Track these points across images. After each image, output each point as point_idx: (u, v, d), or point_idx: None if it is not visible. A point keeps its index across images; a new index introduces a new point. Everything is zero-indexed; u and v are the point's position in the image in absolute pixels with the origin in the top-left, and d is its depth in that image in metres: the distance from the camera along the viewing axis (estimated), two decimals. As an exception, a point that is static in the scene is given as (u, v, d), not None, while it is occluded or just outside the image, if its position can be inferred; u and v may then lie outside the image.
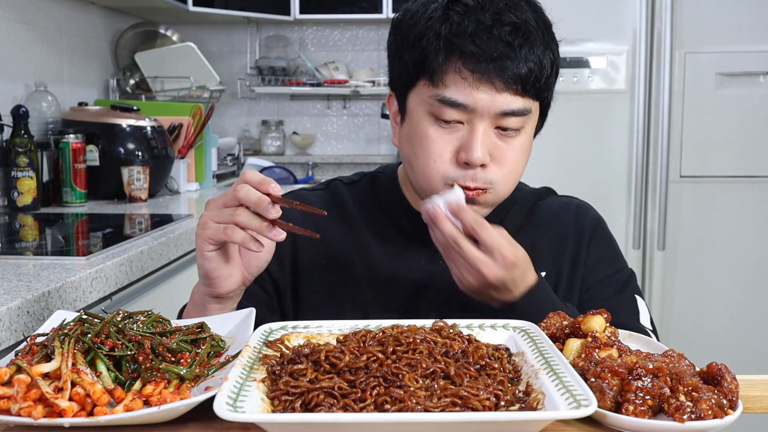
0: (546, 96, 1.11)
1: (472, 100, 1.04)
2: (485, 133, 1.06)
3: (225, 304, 1.03)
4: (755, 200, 2.81)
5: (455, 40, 1.04)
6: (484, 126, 1.05)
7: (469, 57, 1.03)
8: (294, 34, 4.05)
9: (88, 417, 0.69)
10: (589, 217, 1.25)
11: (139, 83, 3.50)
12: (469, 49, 1.03)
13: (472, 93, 1.04)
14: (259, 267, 1.03)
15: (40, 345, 0.79)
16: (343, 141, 4.11)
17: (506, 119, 1.06)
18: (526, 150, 1.12)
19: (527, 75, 1.04)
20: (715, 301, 2.85)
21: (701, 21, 2.76)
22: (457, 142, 1.07)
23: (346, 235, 1.20)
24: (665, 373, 0.72)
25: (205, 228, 0.97)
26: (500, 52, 1.03)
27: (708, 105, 2.79)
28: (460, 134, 1.07)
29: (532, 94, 1.06)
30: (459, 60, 1.04)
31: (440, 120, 1.07)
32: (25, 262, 1.53)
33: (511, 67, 1.03)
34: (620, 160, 2.85)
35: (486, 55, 1.03)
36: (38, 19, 2.71)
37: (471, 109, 1.04)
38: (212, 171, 3.25)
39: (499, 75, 1.03)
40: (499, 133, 1.07)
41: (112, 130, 2.66)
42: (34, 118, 2.51)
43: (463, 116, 1.06)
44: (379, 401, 0.68)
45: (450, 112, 1.05)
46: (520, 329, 0.88)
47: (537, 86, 1.06)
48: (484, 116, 1.05)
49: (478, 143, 1.05)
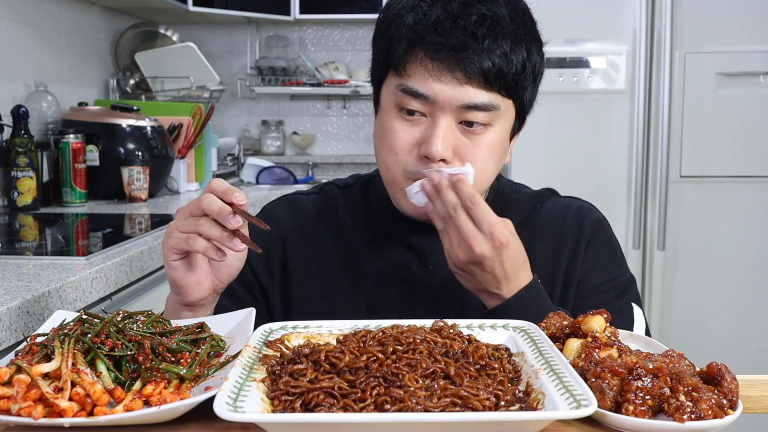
0: (520, 95, 1.07)
1: (432, 92, 1.02)
2: (448, 127, 1.03)
3: (197, 311, 1.03)
4: (755, 200, 2.81)
5: (418, 29, 1.02)
6: (447, 120, 1.03)
7: (431, 46, 1.01)
8: (294, 34, 4.05)
9: (88, 417, 0.69)
10: (590, 219, 1.22)
11: (139, 83, 3.50)
12: (430, 38, 1.01)
13: (433, 84, 1.02)
14: (230, 275, 1.02)
15: (40, 345, 0.79)
16: (343, 141, 4.11)
17: (470, 113, 1.03)
18: (495, 150, 1.07)
19: (490, 69, 1.01)
20: (715, 301, 2.85)
21: (701, 21, 2.76)
22: (419, 135, 1.05)
23: (337, 242, 1.20)
24: (665, 373, 0.72)
25: (170, 237, 0.97)
26: (462, 42, 1.00)
27: (708, 105, 2.79)
28: (422, 127, 1.05)
29: (498, 90, 1.03)
30: (421, 50, 1.03)
31: (404, 111, 1.05)
32: (25, 262, 1.53)
33: (472, 59, 1.00)
34: (620, 160, 2.85)
35: (447, 44, 1.00)
36: (38, 19, 2.71)
37: (432, 101, 1.02)
38: (212, 171, 3.25)
39: (459, 66, 1.00)
40: (464, 129, 1.04)
41: (112, 130, 2.66)
42: (34, 118, 2.51)
43: (426, 108, 1.04)
44: (379, 401, 0.68)
45: (412, 102, 1.04)
46: (520, 329, 0.88)
47: (503, 82, 1.02)
48: (446, 109, 1.02)
49: (438, 137, 1.02)
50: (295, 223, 1.22)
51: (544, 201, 1.23)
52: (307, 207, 1.24)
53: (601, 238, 1.21)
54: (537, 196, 1.24)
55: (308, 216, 1.23)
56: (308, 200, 1.25)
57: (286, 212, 1.25)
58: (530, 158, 2.81)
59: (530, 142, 2.84)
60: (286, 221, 1.23)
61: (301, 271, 1.19)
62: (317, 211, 1.23)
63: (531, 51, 1.05)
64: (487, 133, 1.05)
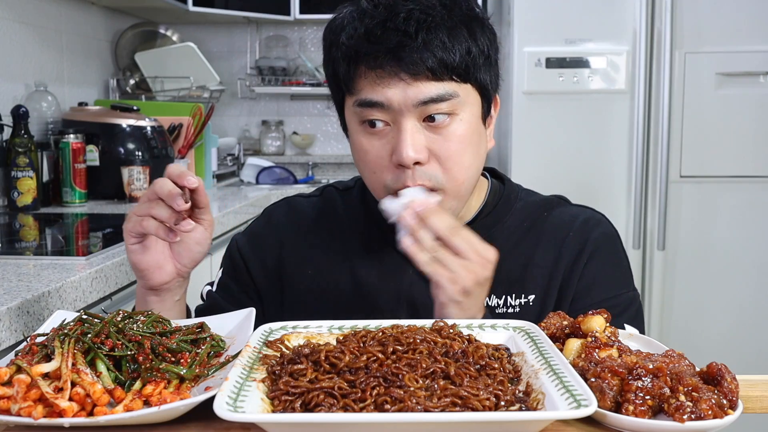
0: (476, 78, 1.04)
1: (385, 97, 1.00)
2: (414, 129, 1.01)
3: (163, 296, 1.04)
4: (755, 200, 2.81)
5: (352, 44, 1.02)
6: (411, 122, 1.01)
7: (368, 57, 1.00)
8: (294, 34, 4.05)
9: (88, 417, 0.69)
10: (596, 233, 1.16)
11: (139, 83, 3.50)
12: (365, 50, 1.00)
13: (383, 90, 1.00)
14: (191, 258, 1.04)
15: (40, 345, 0.79)
16: (343, 141, 4.11)
17: (429, 107, 1.01)
18: (468, 139, 1.04)
19: (433, 62, 0.99)
20: (715, 301, 2.85)
21: (701, 21, 2.76)
22: (389, 146, 1.03)
23: (334, 245, 1.19)
24: (665, 373, 0.72)
25: (127, 221, 1.00)
26: (395, 42, 0.99)
27: (708, 105, 2.79)
28: (390, 137, 1.03)
29: (449, 77, 1.01)
30: (362, 63, 1.02)
31: (367, 125, 1.04)
32: (25, 262, 1.53)
33: (411, 56, 0.99)
34: (620, 160, 2.85)
35: (382, 49, 0.99)
36: (38, 18, 2.71)
37: (388, 106, 1.01)
38: (212, 171, 3.25)
39: (402, 67, 0.99)
40: (429, 126, 1.02)
41: (112, 130, 2.66)
42: (34, 118, 2.51)
43: (386, 116, 1.02)
44: (379, 401, 0.68)
45: (371, 113, 1.03)
46: (520, 329, 0.88)
47: (451, 70, 1.00)
48: (404, 112, 1.01)
49: (406, 141, 1.00)
50: (293, 225, 1.22)
51: (552, 209, 1.19)
52: (306, 210, 1.24)
53: (605, 253, 1.16)
54: (545, 204, 1.20)
55: (307, 219, 1.22)
56: (308, 203, 1.25)
57: (285, 214, 1.25)
58: (530, 158, 2.81)
59: (530, 142, 2.84)
60: (284, 223, 1.23)
61: (297, 274, 1.19)
62: (316, 214, 1.23)
63: (474, 33, 1.03)
64: (453, 123, 1.03)
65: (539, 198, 1.22)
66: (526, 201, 1.20)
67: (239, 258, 1.23)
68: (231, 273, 1.24)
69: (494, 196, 1.18)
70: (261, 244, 1.22)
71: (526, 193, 1.22)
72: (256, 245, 1.23)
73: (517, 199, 1.19)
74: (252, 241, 1.24)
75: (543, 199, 1.22)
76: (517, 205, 1.18)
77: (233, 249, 1.24)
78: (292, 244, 1.21)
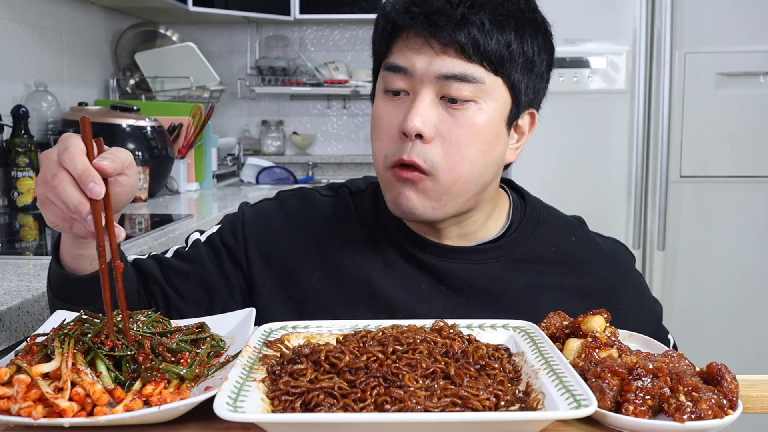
0: (510, 75, 1.01)
1: (410, 63, 0.99)
2: (429, 102, 0.99)
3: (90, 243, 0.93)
4: (755, 200, 2.81)
5: (398, 6, 1.01)
6: (428, 94, 0.99)
7: (407, 17, 0.99)
8: (294, 34, 4.05)
9: (88, 417, 0.69)
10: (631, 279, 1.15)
11: (139, 83, 3.50)
12: (407, 11, 0.99)
13: (411, 56, 0.99)
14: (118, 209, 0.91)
15: (40, 345, 0.79)
16: (343, 141, 4.11)
17: (449, 85, 0.98)
18: (481, 132, 1.00)
19: (466, 37, 0.97)
20: (715, 301, 2.85)
21: (701, 21, 2.76)
22: (402, 116, 1.00)
23: (343, 249, 1.13)
24: (665, 373, 0.72)
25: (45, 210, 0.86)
26: (436, 9, 0.97)
27: (708, 105, 2.79)
28: (405, 107, 1.00)
29: (479, 61, 0.98)
30: (402, 26, 1.01)
31: (389, 93, 1.03)
32: (25, 262, 1.53)
33: (445, 26, 0.97)
34: (620, 160, 2.85)
35: (422, 12, 0.98)
36: (38, 19, 2.71)
37: (411, 73, 0.99)
38: (212, 171, 3.25)
39: (434, 35, 0.98)
40: (447, 104, 0.99)
41: (112, 130, 2.66)
42: (34, 118, 2.51)
43: (407, 84, 1.00)
44: (379, 401, 0.68)
45: (394, 79, 1.01)
46: (520, 329, 0.88)
47: (482, 54, 0.98)
48: (425, 82, 0.99)
49: (416, 109, 0.98)
50: (306, 219, 1.16)
51: (576, 233, 1.16)
52: (321, 207, 1.17)
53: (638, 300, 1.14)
54: (568, 226, 1.17)
55: (321, 217, 1.16)
56: (324, 202, 1.18)
57: (299, 206, 1.18)
58: (530, 158, 2.80)
59: (530, 142, 2.83)
60: (297, 215, 1.17)
61: (303, 271, 1.13)
62: (330, 213, 1.16)
63: (523, 32, 1.01)
64: (471, 110, 0.99)
65: (561, 219, 1.18)
66: (549, 222, 1.15)
67: (241, 230, 1.16)
68: (227, 238, 1.16)
69: (517, 214, 1.14)
70: (268, 227, 1.16)
71: (547, 212, 1.17)
72: (262, 226, 1.16)
73: (540, 219, 1.15)
74: (259, 220, 1.17)
75: (565, 222, 1.18)
76: (542, 226, 1.14)
77: (238, 218, 1.17)
78: (303, 242, 1.14)
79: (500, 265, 1.10)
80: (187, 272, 1.14)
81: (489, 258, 1.10)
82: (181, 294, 1.13)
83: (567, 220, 1.18)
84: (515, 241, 1.11)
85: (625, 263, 1.18)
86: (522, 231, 1.12)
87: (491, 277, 1.09)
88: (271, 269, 1.14)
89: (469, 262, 1.10)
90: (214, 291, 1.13)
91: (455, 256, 1.10)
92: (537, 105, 1.09)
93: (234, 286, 1.14)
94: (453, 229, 1.10)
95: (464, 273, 1.09)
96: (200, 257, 1.15)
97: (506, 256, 1.10)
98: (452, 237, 1.10)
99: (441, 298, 1.09)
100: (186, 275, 1.14)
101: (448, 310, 1.06)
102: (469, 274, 1.09)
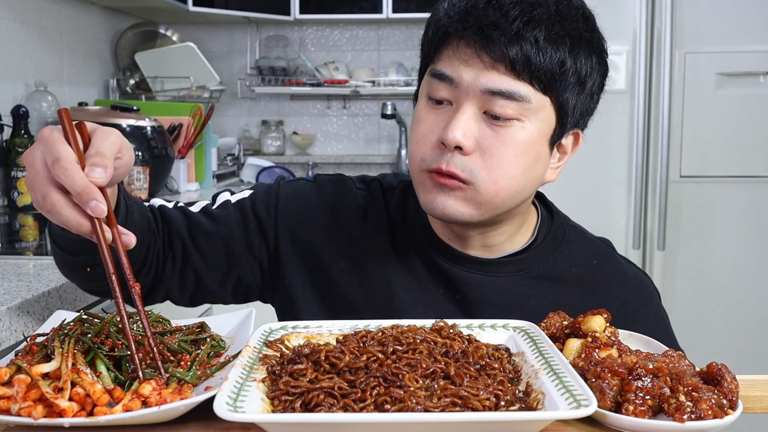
0: (559, 94, 0.98)
1: (457, 74, 0.97)
2: (473, 116, 0.97)
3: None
4: (755, 200, 2.81)
5: (451, 12, 0.99)
6: (472, 107, 0.97)
7: (460, 26, 0.97)
8: (294, 34, 4.05)
9: (88, 417, 0.69)
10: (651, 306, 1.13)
11: (139, 83, 3.50)
12: (461, 20, 0.97)
13: (459, 67, 0.97)
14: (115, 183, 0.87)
15: (40, 345, 0.79)
16: (343, 141, 4.11)
17: (495, 101, 0.96)
18: (523, 149, 0.98)
19: (518, 53, 0.94)
20: (715, 301, 2.85)
21: (701, 21, 2.76)
22: (443, 124, 0.99)
23: (370, 244, 1.12)
24: (665, 373, 0.72)
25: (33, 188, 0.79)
26: (491, 22, 0.94)
27: (708, 105, 2.79)
28: (447, 115, 0.99)
29: (528, 80, 0.96)
30: (453, 34, 0.98)
31: (432, 100, 1.01)
32: (25, 262, 1.53)
33: (497, 39, 0.94)
34: (620, 160, 2.85)
35: (476, 23, 0.95)
36: (38, 19, 2.71)
37: (456, 84, 0.97)
38: (212, 171, 3.25)
39: (485, 48, 0.95)
40: (490, 120, 0.97)
41: (112, 130, 2.66)
42: (34, 118, 2.51)
43: (451, 94, 0.99)
44: (379, 401, 0.68)
45: (440, 88, 0.99)
46: (520, 329, 0.88)
47: (532, 72, 0.95)
48: (470, 94, 0.97)
49: (458, 121, 0.96)
50: (339, 209, 1.15)
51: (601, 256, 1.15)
52: (356, 199, 1.16)
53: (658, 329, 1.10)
54: (592, 248, 1.16)
55: (354, 209, 1.15)
56: (359, 194, 1.17)
57: (336, 193, 1.17)
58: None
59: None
60: (333, 202, 1.15)
61: (331, 260, 1.12)
62: (363, 206, 1.15)
63: (578, 52, 0.98)
64: (515, 128, 0.97)
65: (586, 239, 1.17)
66: (574, 241, 1.14)
67: (274, 204, 1.14)
68: (259, 208, 1.14)
69: (543, 230, 1.13)
70: (302, 207, 1.14)
71: (573, 231, 1.16)
72: (296, 205, 1.14)
73: (565, 238, 1.14)
74: (295, 199, 1.15)
75: (590, 243, 1.17)
76: (565, 245, 1.13)
77: (273, 191, 1.16)
78: (333, 226, 1.13)
79: (518, 280, 1.10)
80: (213, 233, 1.11)
81: (508, 272, 1.10)
82: (203, 254, 1.11)
83: (593, 242, 1.17)
84: (536, 257, 1.11)
85: (649, 292, 1.15)
86: (544, 247, 1.12)
87: (508, 292, 1.09)
88: (298, 250, 1.13)
89: (488, 273, 1.09)
90: (236, 257, 1.12)
91: (476, 266, 1.10)
92: (583, 125, 1.07)
93: (255, 258, 1.13)
94: (478, 239, 1.09)
95: (481, 284, 1.09)
96: (229, 220, 1.12)
97: (525, 271, 1.10)
98: (476, 247, 1.10)
99: (456, 307, 1.09)
100: (211, 236, 1.11)
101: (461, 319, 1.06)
102: (485, 286, 1.09)
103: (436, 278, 1.10)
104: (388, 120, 3.82)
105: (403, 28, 4.00)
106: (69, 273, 1.05)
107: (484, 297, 1.09)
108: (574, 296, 1.09)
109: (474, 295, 1.09)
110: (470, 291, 1.09)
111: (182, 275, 1.11)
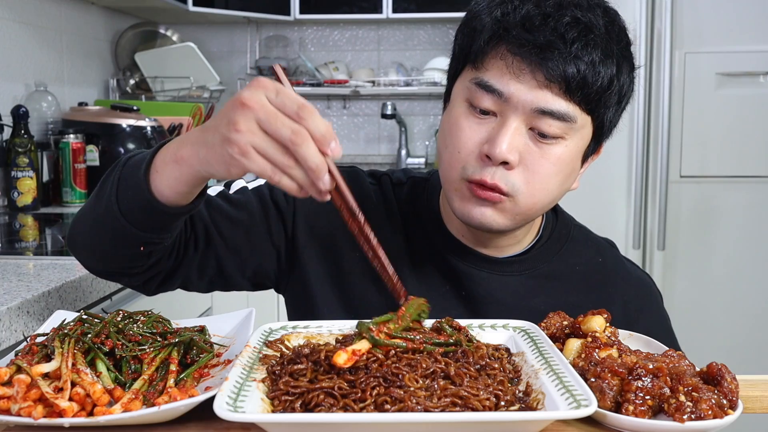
0: (601, 113, 1.00)
1: (507, 89, 0.95)
2: (518, 130, 0.96)
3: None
4: (755, 200, 2.82)
5: (504, 21, 0.96)
6: (518, 123, 0.96)
7: (515, 40, 0.95)
8: (294, 34, 4.05)
9: (88, 417, 0.69)
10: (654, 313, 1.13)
11: (139, 83, 3.50)
12: (516, 33, 0.94)
13: (510, 81, 0.95)
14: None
15: (40, 345, 0.79)
16: (343, 141, 4.11)
17: (543, 120, 0.96)
18: (563, 166, 1.00)
19: (574, 75, 0.93)
20: (715, 301, 2.85)
21: (701, 21, 2.76)
22: (485, 135, 0.97)
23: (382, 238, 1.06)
24: (665, 373, 0.72)
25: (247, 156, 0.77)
26: (548, 41, 0.93)
27: (708, 105, 2.79)
28: (490, 126, 0.98)
29: (578, 101, 0.96)
30: (504, 43, 0.96)
31: (474, 108, 0.99)
32: (25, 262, 1.53)
33: (557, 61, 0.93)
34: (620, 160, 2.85)
35: (533, 41, 0.93)
36: (38, 19, 2.71)
37: (505, 98, 0.96)
38: (212, 171, 3.25)
39: (542, 67, 0.93)
40: (535, 137, 0.97)
41: (112, 130, 2.66)
42: (34, 118, 2.51)
43: (497, 106, 0.97)
44: (379, 401, 0.68)
45: (484, 98, 0.97)
46: (520, 329, 0.88)
47: (585, 93, 0.95)
48: (518, 110, 0.96)
49: (505, 136, 0.95)
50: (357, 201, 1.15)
51: (605, 255, 1.16)
52: (369, 192, 1.15)
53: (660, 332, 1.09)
54: (597, 247, 1.17)
55: (368, 202, 1.14)
56: (372, 188, 1.16)
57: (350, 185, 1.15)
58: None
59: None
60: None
61: (346, 250, 1.11)
62: (376, 200, 1.15)
63: (621, 69, 0.99)
64: (558, 145, 0.98)
65: (591, 239, 1.18)
66: (577, 240, 1.16)
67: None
68: (278, 195, 1.13)
69: (548, 230, 1.14)
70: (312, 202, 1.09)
71: (577, 231, 1.18)
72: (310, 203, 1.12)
73: (569, 237, 1.15)
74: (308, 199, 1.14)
75: (595, 243, 1.18)
76: (569, 245, 1.14)
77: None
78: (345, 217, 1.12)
79: (522, 279, 1.11)
80: (234, 218, 1.10)
81: (513, 271, 1.11)
82: (225, 239, 1.09)
83: (597, 242, 1.18)
84: (540, 256, 1.12)
85: (652, 293, 1.16)
86: (548, 247, 1.13)
87: (512, 290, 1.10)
88: (315, 239, 1.13)
89: (494, 272, 1.10)
90: (256, 243, 1.11)
91: (483, 265, 1.10)
92: (610, 135, 1.08)
93: (274, 246, 1.13)
94: (494, 240, 1.10)
95: (486, 282, 1.10)
96: (250, 206, 1.12)
97: (529, 270, 1.11)
98: (490, 247, 1.11)
99: (461, 304, 1.10)
100: (233, 220, 1.10)
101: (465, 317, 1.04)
102: (490, 284, 1.10)
103: (443, 274, 1.11)
104: (388, 120, 3.81)
105: (403, 28, 4.00)
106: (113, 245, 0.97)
107: (489, 295, 1.09)
108: (579, 295, 1.10)
109: (479, 293, 1.09)
110: (476, 288, 1.10)
111: (204, 259, 1.09)
